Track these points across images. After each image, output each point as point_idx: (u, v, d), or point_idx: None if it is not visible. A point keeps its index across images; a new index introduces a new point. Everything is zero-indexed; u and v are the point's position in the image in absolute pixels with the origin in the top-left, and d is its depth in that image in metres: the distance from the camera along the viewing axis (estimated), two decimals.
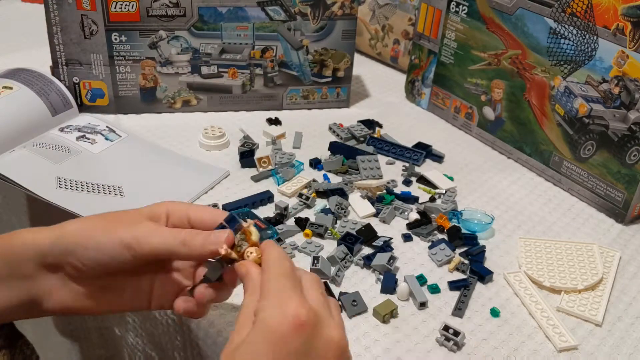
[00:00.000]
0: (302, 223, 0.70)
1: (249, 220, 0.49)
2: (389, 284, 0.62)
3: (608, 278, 0.66)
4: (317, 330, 0.42)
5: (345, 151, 0.84)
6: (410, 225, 0.72)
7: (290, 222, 0.71)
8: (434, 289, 0.63)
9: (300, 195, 0.75)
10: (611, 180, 0.75)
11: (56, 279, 0.51)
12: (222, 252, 0.47)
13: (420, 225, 0.71)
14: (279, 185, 0.77)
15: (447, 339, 0.57)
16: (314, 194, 0.75)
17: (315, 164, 0.82)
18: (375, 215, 0.74)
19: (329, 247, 0.68)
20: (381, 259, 0.65)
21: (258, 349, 0.40)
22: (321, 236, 0.69)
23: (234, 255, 0.47)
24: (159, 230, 0.49)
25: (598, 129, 0.75)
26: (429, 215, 0.73)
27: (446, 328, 0.57)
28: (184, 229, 0.49)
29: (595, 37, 0.72)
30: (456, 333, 0.57)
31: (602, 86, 0.73)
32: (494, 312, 0.61)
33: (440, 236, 0.70)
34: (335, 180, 0.80)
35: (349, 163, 0.82)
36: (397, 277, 0.63)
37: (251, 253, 0.47)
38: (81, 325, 0.84)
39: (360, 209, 0.74)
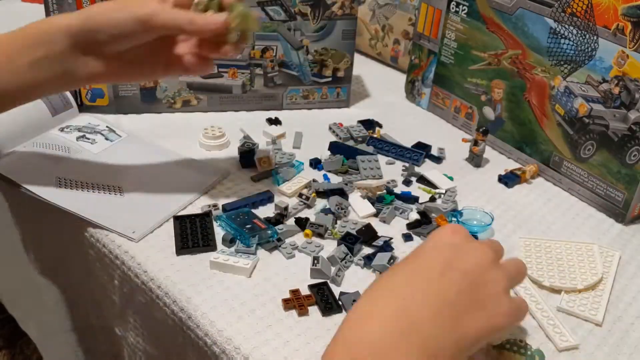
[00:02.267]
0: (302, 223, 0.70)
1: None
2: None
3: (608, 278, 0.66)
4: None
5: (345, 151, 0.84)
6: (410, 225, 0.72)
7: (290, 222, 0.71)
8: None
9: (300, 195, 0.75)
10: (611, 180, 0.75)
11: (86, 54, 0.63)
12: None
13: (421, 225, 0.71)
14: (279, 185, 0.77)
15: None
16: (314, 194, 0.75)
17: (315, 164, 0.82)
18: (376, 215, 0.74)
19: (329, 247, 0.68)
20: (381, 259, 0.65)
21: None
22: (321, 236, 0.69)
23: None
24: (169, 9, 0.61)
25: (598, 129, 0.75)
26: (429, 215, 0.73)
27: None
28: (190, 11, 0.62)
29: (595, 37, 0.72)
30: None
31: (602, 86, 0.73)
32: None
33: None
34: (335, 180, 0.80)
35: (349, 163, 0.82)
36: None
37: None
38: (85, 322, 0.84)
39: (360, 209, 0.74)
